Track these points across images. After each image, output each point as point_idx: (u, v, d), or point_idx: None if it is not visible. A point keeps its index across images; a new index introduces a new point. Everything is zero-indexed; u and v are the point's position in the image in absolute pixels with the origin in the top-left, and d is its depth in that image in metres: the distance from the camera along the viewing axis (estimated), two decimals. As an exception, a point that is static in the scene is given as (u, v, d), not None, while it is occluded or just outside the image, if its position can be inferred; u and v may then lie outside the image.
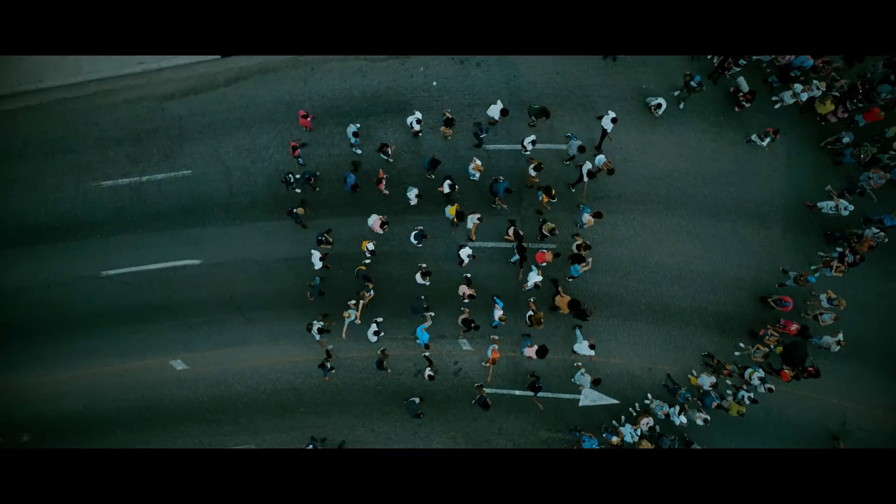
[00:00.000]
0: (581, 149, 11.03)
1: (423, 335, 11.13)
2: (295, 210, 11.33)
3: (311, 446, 11.05)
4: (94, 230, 12.61)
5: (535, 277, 10.83)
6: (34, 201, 12.75)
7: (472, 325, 11.01)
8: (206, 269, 12.44)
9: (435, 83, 12.47)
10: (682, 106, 12.22)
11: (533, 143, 11.23)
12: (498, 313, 10.96)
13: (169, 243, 12.50)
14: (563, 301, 11.07)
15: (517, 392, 12.07)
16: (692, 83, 11.42)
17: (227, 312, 12.37)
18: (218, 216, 12.52)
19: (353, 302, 11.30)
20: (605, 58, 12.33)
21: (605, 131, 11.28)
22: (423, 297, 11.55)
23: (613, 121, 10.91)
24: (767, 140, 11.36)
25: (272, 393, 12.28)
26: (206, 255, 12.45)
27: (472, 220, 11.25)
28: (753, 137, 11.62)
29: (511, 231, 11.18)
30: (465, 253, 11.04)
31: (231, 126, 12.79)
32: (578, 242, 10.99)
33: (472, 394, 11.94)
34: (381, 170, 11.55)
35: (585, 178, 10.98)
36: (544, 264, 11.14)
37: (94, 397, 12.39)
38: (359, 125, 11.68)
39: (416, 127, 11.56)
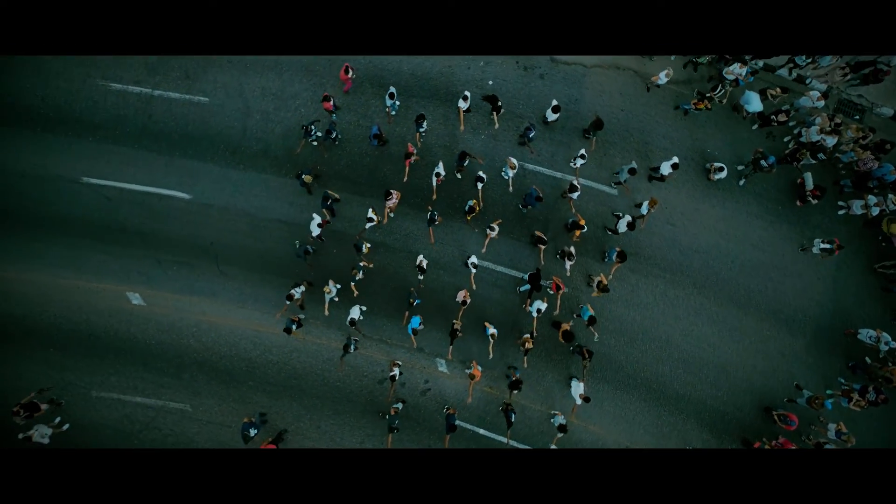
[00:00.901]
0: (632, 171, 10.07)
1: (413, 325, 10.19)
2: (303, 175, 10.26)
3: (250, 427, 10.02)
4: (88, 131, 11.52)
5: (540, 305, 9.84)
6: (34, 82, 11.64)
7: (458, 335, 10.06)
8: (194, 207, 11.38)
9: (491, 82, 11.43)
10: (741, 182, 11.22)
11: (583, 157, 10.25)
12: (491, 331, 10.01)
13: (163, 168, 11.43)
14: (564, 326, 10.03)
15: (481, 430, 11.08)
16: (762, 162, 10.42)
17: (202, 259, 11.32)
18: (223, 155, 11.46)
19: (354, 271, 10.40)
20: (678, 108, 11.31)
21: (661, 175, 10.36)
22: (418, 297, 10.59)
23: (674, 166, 9.96)
24: (824, 247, 10.36)
25: (225, 357, 11.24)
26: (198, 193, 11.39)
27: (488, 230, 10.27)
28: (814, 247, 10.64)
29: (536, 241, 10.25)
30: (471, 261, 10.18)
31: (264, 65, 11.72)
32: (599, 279, 10.01)
33: (435, 418, 10.97)
34: (409, 144, 10.61)
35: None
36: (561, 293, 10.14)
37: (38, 307, 11.32)
38: (393, 89, 10.70)
39: (463, 105, 10.57)
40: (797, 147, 10.62)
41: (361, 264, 10.49)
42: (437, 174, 10.27)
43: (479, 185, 10.19)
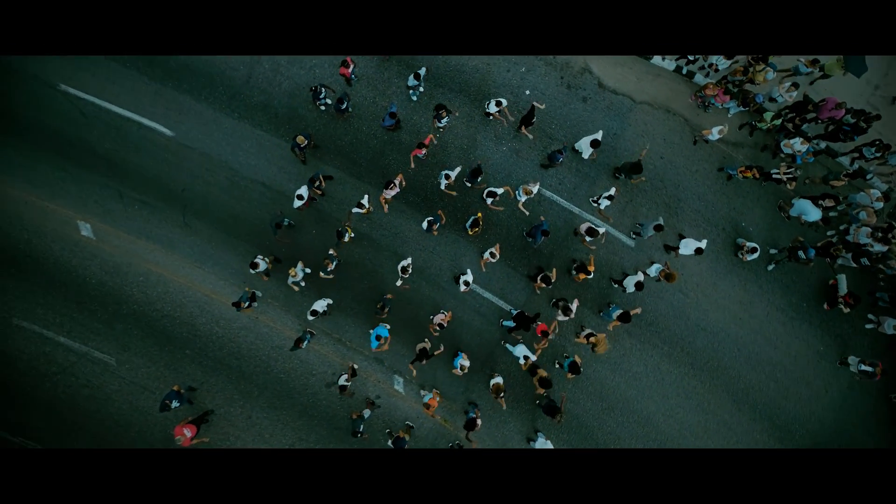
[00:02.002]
0: (658, 228, 8.96)
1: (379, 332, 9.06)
2: (296, 139, 9.11)
3: (175, 397, 8.88)
4: (81, 35, 10.35)
5: (523, 351, 8.73)
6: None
7: (426, 357, 8.94)
8: (174, 146, 10.23)
9: (528, 92, 10.30)
10: (770, 267, 10.12)
11: (610, 198, 9.13)
12: (462, 362, 8.89)
13: (151, 96, 10.26)
14: (541, 373, 8.94)
15: (424, 465, 9.95)
16: (800, 253, 9.31)
17: (169, 204, 10.17)
18: (219, 98, 10.30)
19: (332, 252, 9.25)
20: (722, 170, 10.20)
21: (676, 249, 9.29)
22: (390, 300, 9.51)
23: (698, 251, 8.86)
24: (865, 369, 9.27)
25: (167, 317, 10.09)
26: (182, 132, 10.24)
27: (487, 255, 9.20)
28: (852, 365, 9.60)
29: (540, 278, 9.10)
30: (464, 279, 9.15)
31: (289, 11, 10.55)
32: (588, 332, 8.90)
33: (375, 438, 9.87)
34: (431, 136, 9.60)
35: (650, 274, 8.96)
36: (548, 337, 8.95)
37: (-23, 211, 10.16)
38: (424, 70, 9.60)
39: (493, 109, 9.55)
40: (839, 244, 9.53)
41: (332, 253, 9.37)
42: (447, 176, 9.17)
43: (490, 201, 9.09)
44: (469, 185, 9.63)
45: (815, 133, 10.10)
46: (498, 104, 9.48)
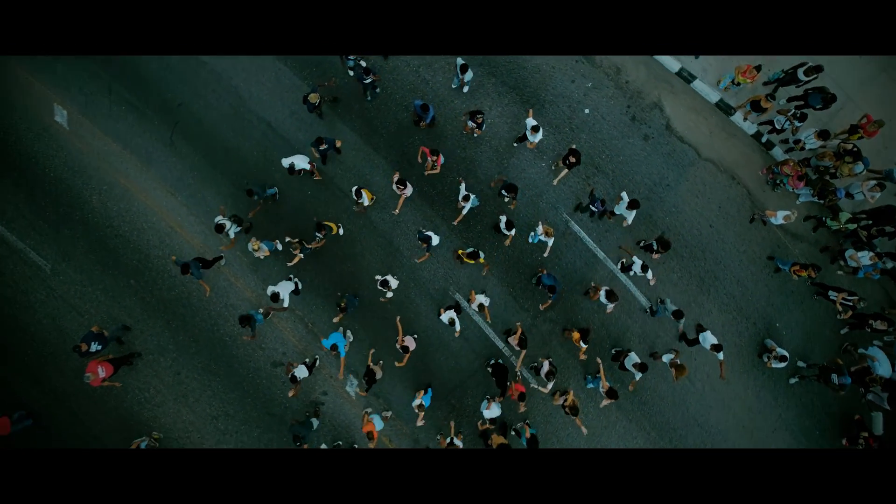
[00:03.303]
0: (677, 315, 7.75)
1: (333, 340, 7.78)
2: (309, 96, 7.81)
3: (92, 340, 7.69)
4: None
5: (494, 412, 7.49)
6: None
7: (372, 380, 7.69)
8: (184, 58, 9.02)
9: (587, 111, 9.07)
10: (793, 381, 8.93)
11: (644, 268, 7.85)
12: (418, 401, 7.60)
13: (176, -8, 9.03)
14: (496, 440, 7.84)
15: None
16: (833, 376, 8.12)
17: (160, 115, 8.96)
18: (250, 16, 9.07)
19: (294, 240, 7.95)
20: (772, 259, 9.00)
21: (693, 340, 8.09)
22: (356, 299, 8.31)
23: (715, 348, 7.64)
24: None
25: (121, 237, 8.89)
26: (198, 41, 9.01)
27: (482, 299, 7.92)
28: None
29: (516, 336, 7.76)
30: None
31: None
32: (568, 399, 7.66)
33: (312, 438, 8.68)
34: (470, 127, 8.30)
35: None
36: (521, 408, 7.67)
37: (-51, 63, 8.95)
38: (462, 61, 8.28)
39: (532, 122, 7.99)
40: (877, 376, 8.33)
41: (310, 247, 8.19)
42: (466, 197, 7.84)
43: (510, 232, 7.79)
44: (502, 196, 8.33)
45: (886, 249, 8.89)
46: (535, 129, 7.79)
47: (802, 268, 8.40)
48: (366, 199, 8.03)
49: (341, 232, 8.71)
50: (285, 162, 7.65)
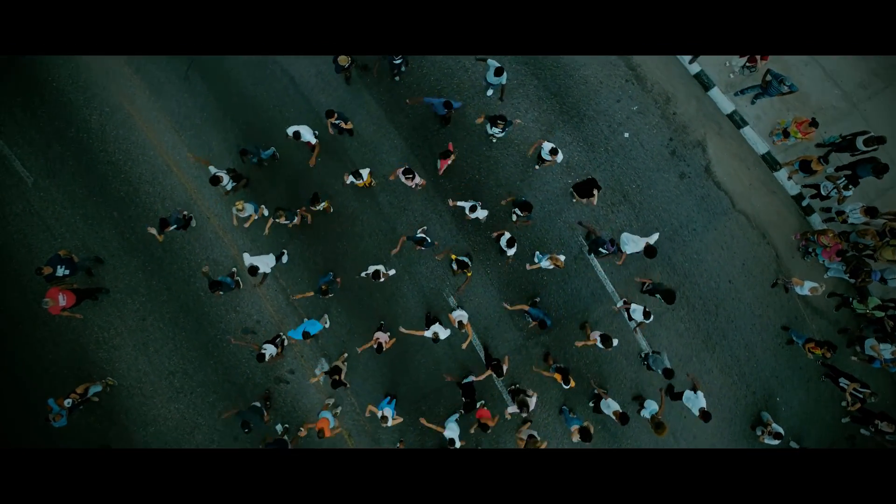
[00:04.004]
0: (668, 374, 7.19)
1: (301, 331, 7.09)
2: (338, 57, 7.19)
3: (57, 263, 7.17)
4: None
5: (452, 433, 6.93)
6: None
7: (339, 381, 7.10)
8: (219, -12, 8.46)
9: (627, 135, 8.51)
10: (782, 461, 8.37)
11: (647, 315, 7.13)
12: (384, 412, 7.00)
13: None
14: None
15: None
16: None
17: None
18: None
19: (282, 212, 7.32)
20: (787, 330, 8.45)
21: (678, 395, 7.52)
22: (331, 276, 7.72)
23: (703, 415, 7.02)
24: None
25: (112, 165, 8.36)
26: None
27: (459, 315, 7.27)
28: None
29: (492, 366, 7.17)
30: (457, 315, 7.21)
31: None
32: (530, 433, 7.11)
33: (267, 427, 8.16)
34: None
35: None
36: (487, 431, 7.04)
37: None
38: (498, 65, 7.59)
39: (549, 146, 7.23)
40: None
41: (298, 216, 7.59)
42: (473, 207, 7.27)
43: (510, 251, 7.08)
44: (514, 215, 7.79)
45: (908, 344, 8.33)
46: (553, 152, 7.10)
47: (818, 345, 7.86)
48: (363, 179, 7.34)
49: (331, 210, 8.10)
50: (290, 130, 7.06)
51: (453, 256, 7.50)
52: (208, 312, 8.32)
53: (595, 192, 7.22)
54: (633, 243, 7.07)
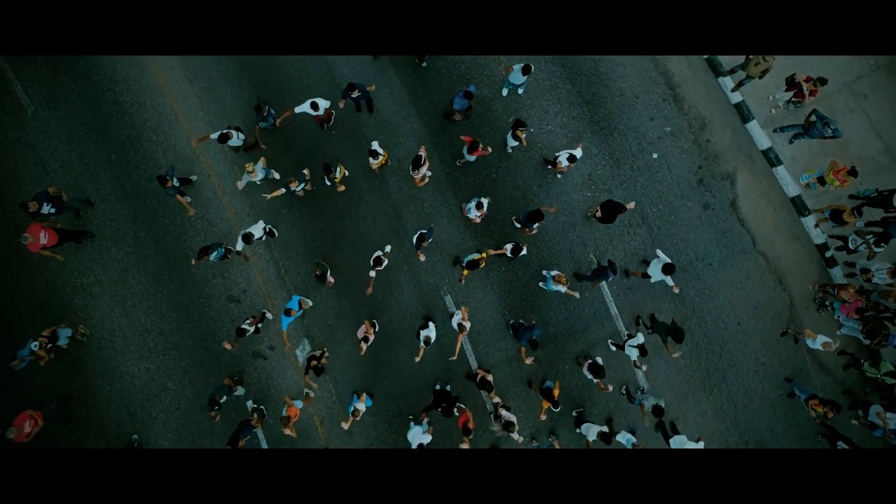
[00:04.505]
0: (657, 411, 6.80)
1: (288, 317, 6.68)
2: None
3: (43, 200, 6.79)
4: None
5: (422, 438, 6.55)
6: None
7: (318, 367, 6.76)
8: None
9: (655, 156, 8.13)
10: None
11: (643, 352, 6.83)
12: (358, 406, 6.65)
13: None
14: None
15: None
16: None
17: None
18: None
19: (290, 179, 6.96)
20: (790, 382, 8.08)
21: (667, 438, 7.14)
22: (319, 263, 7.36)
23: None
24: None
25: (117, 106, 7.98)
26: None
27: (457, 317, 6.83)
28: None
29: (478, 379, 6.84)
30: (456, 319, 6.79)
31: None
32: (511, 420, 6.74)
33: (237, 411, 7.80)
34: (488, 146, 7.25)
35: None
36: (469, 437, 6.70)
37: None
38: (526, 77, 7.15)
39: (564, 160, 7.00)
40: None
41: (305, 182, 7.25)
42: (480, 205, 6.98)
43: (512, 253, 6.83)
44: (518, 225, 7.41)
45: (914, 416, 7.96)
46: (572, 157, 6.93)
47: (822, 403, 7.47)
48: (377, 162, 6.97)
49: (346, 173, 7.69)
50: (300, 108, 6.70)
51: (465, 272, 7.08)
52: (194, 273, 7.94)
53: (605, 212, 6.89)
54: (657, 264, 6.76)
